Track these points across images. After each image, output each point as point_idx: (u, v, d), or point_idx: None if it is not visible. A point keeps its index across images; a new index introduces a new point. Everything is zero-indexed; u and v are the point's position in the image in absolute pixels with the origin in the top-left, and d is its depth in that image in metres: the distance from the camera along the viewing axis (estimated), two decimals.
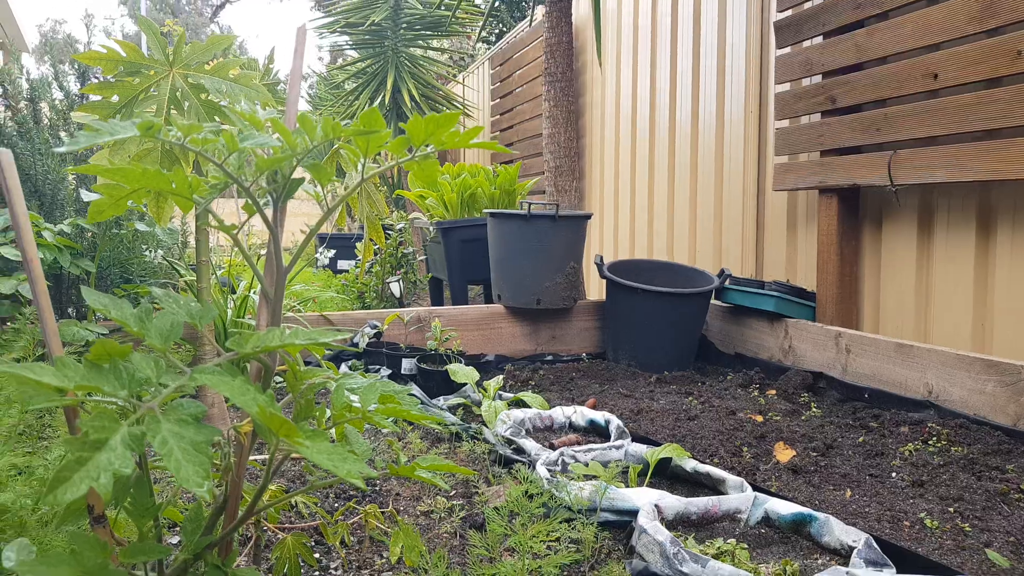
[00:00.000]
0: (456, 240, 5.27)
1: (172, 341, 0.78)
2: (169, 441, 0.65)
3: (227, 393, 0.67)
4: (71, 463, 0.61)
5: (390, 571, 1.77)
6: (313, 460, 0.68)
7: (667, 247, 5.11)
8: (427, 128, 0.87)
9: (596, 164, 6.05)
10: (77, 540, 0.74)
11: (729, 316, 4.07)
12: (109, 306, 0.79)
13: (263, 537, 1.53)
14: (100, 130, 0.82)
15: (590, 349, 4.36)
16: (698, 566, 1.58)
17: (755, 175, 4.26)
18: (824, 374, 3.37)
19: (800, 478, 2.33)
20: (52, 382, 0.68)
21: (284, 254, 0.96)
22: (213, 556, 0.87)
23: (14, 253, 3.38)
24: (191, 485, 0.63)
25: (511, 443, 2.55)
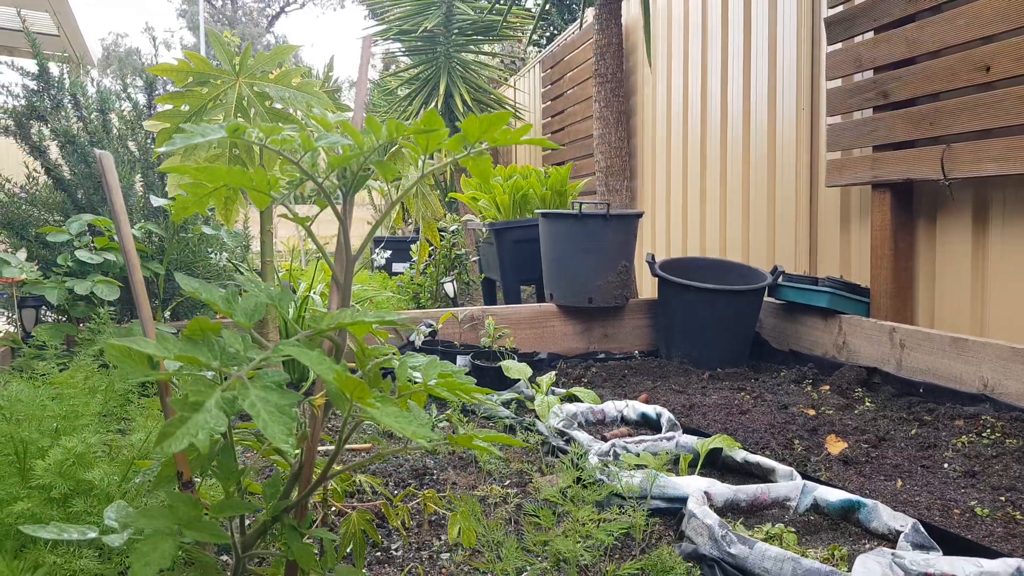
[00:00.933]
0: (508, 241, 5.35)
1: (256, 320, 0.87)
2: (257, 404, 0.74)
3: (307, 362, 0.76)
4: (175, 421, 0.70)
5: (448, 552, 1.85)
6: (383, 423, 0.76)
7: (719, 245, 5.12)
8: (481, 126, 0.95)
9: (647, 163, 6.08)
10: (172, 497, 0.83)
11: (783, 313, 4.06)
12: (200, 289, 0.88)
13: (329, 516, 1.62)
14: (192, 132, 0.91)
15: (642, 347, 4.40)
16: (746, 548, 1.62)
17: (807, 171, 4.25)
18: (878, 369, 3.36)
19: (851, 469, 2.35)
20: (154, 352, 0.78)
21: (353, 242, 1.04)
22: (290, 518, 0.96)
23: (89, 256, 3.57)
24: (278, 441, 0.71)
25: (563, 435, 2.62)
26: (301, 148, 0.92)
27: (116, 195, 0.98)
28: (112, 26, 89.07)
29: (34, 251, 3.97)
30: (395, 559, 1.79)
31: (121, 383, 1.87)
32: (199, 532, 0.80)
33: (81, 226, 3.65)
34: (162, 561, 0.75)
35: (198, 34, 34.00)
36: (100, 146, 4.29)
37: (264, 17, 42.75)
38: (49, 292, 3.34)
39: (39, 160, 4.37)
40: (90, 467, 1.36)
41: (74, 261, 3.50)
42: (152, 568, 0.74)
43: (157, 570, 0.74)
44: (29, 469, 1.32)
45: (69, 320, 3.70)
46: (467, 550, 1.84)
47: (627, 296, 4.33)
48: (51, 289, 3.35)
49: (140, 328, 0.89)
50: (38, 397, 1.43)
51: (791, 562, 1.55)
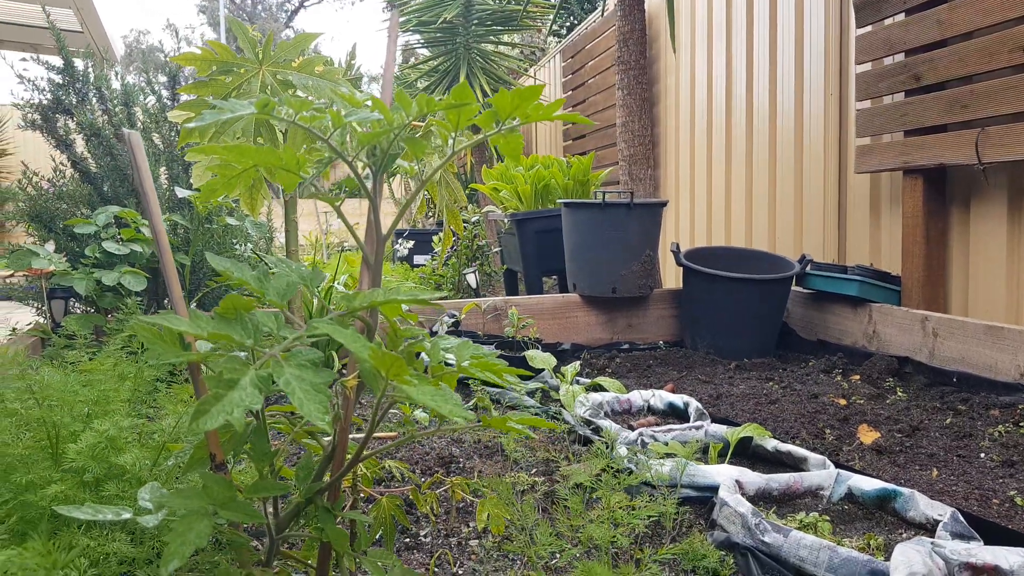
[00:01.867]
0: (530, 231, 5.33)
1: (287, 299, 0.86)
2: (292, 383, 0.73)
3: (342, 339, 0.74)
4: (209, 398, 0.68)
5: (476, 539, 1.83)
6: (419, 400, 0.75)
7: (745, 234, 5.06)
8: (513, 101, 0.93)
9: (671, 152, 6.02)
10: (206, 478, 0.82)
11: (811, 302, 4.01)
12: (231, 268, 0.87)
13: (358, 502, 1.61)
14: (222, 108, 0.90)
15: (667, 337, 4.36)
16: (780, 536, 1.59)
17: (836, 158, 4.18)
18: (910, 359, 3.30)
19: (884, 458, 2.31)
20: (188, 330, 0.76)
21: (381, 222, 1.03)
22: (323, 501, 0.95)
23: (116, 247, 3.59)
24: (314, 419, 0.70)
25: (590, 424, 2.59)
26: (331, 125, 0.91)
27: (145, 174, 0.98)
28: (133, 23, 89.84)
29: (62, 243, 4.01)
30: (423, 545, 1.78)
31: (150, 371, 1.88)
32: (234, 512, 0.79)
33: (108, 218, 3.67)
34: (198, 541, 0.74)
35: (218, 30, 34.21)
36: (124, 139, 4.31)
37: (283, 12, 42.94)
38: (77, 283, 3.37)
39: (65, 153, 4.41)
40: (121, 451, 1.36)
41: (101, 252, 3.52)
42: (188, 548, 0.73)
43: (193, 550, 0.73)
44: (61, 453, 1.33)
45: (97, 311, 3.73)
46: (496, 537, 1.83)
47: (651, 286, 4.29)
48: (79, 280, 3.38)
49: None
50: (69, 383, 1.44)
51: (827, 551, 1.52)
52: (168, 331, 0.95)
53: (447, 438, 2.66)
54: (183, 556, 0.73)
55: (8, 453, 1.28)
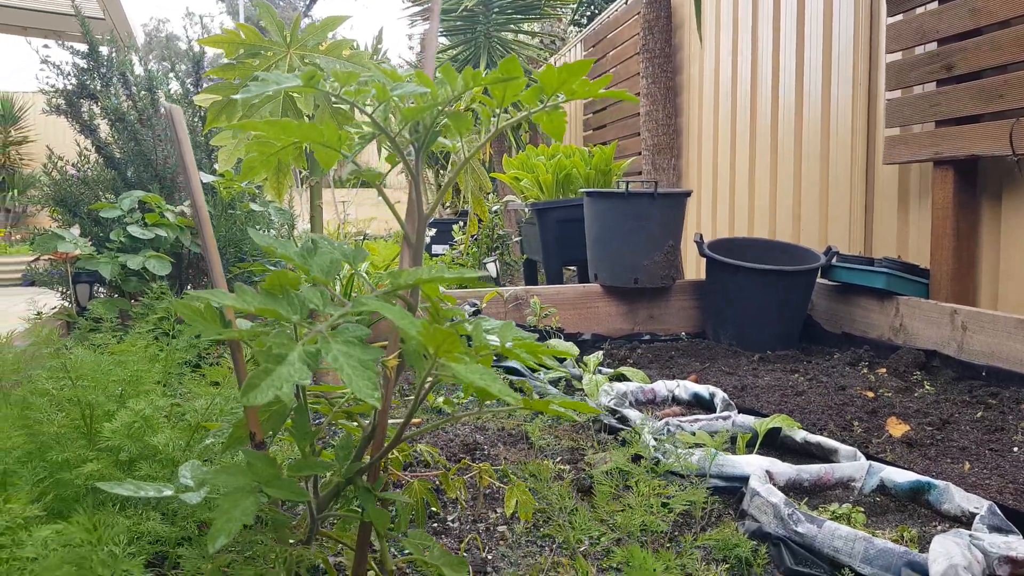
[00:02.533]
0: (551, 221, 5.30)
1: (332, 276, 0.85)
2: (340, 359, 0.72)
3: (390, 315, 0.73)
4: (259, 373, 0.67)
5: (504, 525, 1.83)
6: (467, 379, 0.73)
7: (769, 225, 5.01)
8: (560, 77, 0.91)
9: (693, 142, 5.97)
10: (250, 456, 0.82)
11: (836, 294, 3.97)
12: (274, 244, 0.86)
13: (389, 486, 1.60)
14: (267, 80, 0.89)
15: (689, 328, 4.33)
16: (814, 527, 1.57)
17: (864, 149, 4.13)
18: (938, 352, 3.26)
19: (915, 451, 2.28)
20: (234, 304, 0.75)
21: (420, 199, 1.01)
22: (363, 481, 0.94)
23: (140, 231, 3.60)
24: (363, 395, 0.69)
25: (615, 413, 2.58)
26: (376, 100, 0.89)
27: (186, 148, 0.97)
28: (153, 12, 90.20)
29: (86, 228, 4.03)
30: (452, 530, 1.78)
31: (179, 353, 1.88)
32: (279, 490, 0.79)
33: (132, 202, 3.68)
34: (244, 517, 0.73)
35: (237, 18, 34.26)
36: (148, 124, 4.32)
37: (302, 2, 42.98)
38: (103, 267, 3.38)
39: (90, 138, 4.42)
40: (155, 432, 1.36)
41: (126, 237, 3.53)
42: (234, 524, 0.72)
43: (239, 526, 0.72)
44: (96, 432, 1.32)
45: (121, 295, 3.75)
46: (525, 523, 1.82)
47: (674, 277, 4.26)
48: (104, 264, 3.39)
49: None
50: (102, 363, 1.44)
51: (863, 542, 1.50)
52: (209, 309, 0.94)
53: (470, 426, 2.65)
54: (229, 532, 0.72)
55: (43, 431, 1.28)
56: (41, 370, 1.63)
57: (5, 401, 1.33)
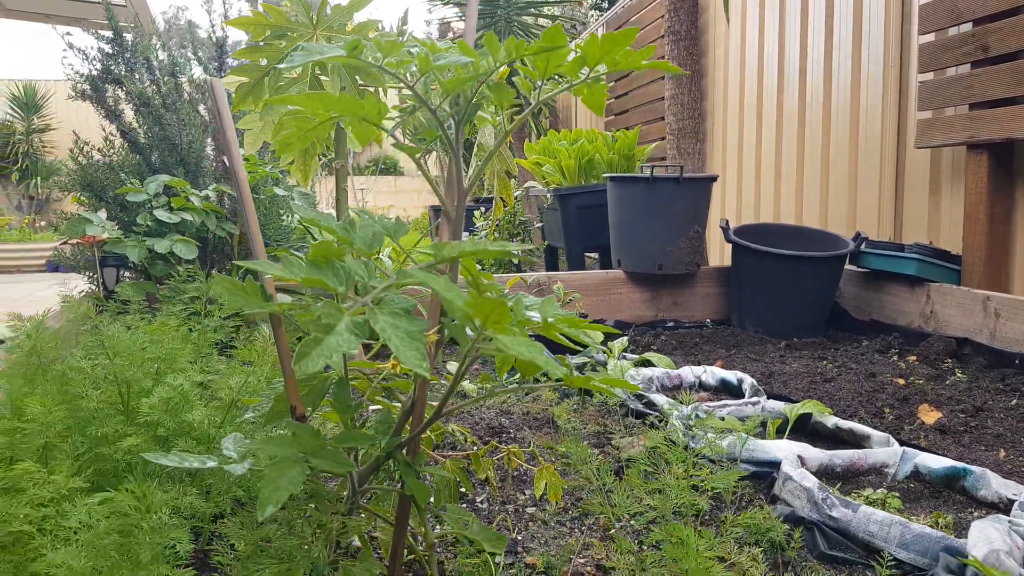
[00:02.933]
0: (573, 207, 5.28)
1: (375, 248, 0.84)
2: (387, 330, 0.71)
3: (436, 287, 0.72)
4: (309, 342, 0.67)
5: (534, 507, 1.82)
6: (513, 352, 0.72)
7: (795, 211, 4.96)
8: (603, 47, 0.89)
9: (718, 126, 5.92)
10: (294, 427, 0.81)
11: (864, 281, 3.92)
12: (318, 219, 0.85)
13: (431, 461, 1.60)
14: (311, 50, 0.88)
15: (713, 315, 4.30)
16: (848, 511, 1.55)
17: (894, 132, 4.07)
18: (969, 340, 3.21)
19: (948, 438, 2.25)
20: (281, 274, 0.75)
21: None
22: (403, 454, 0.93)
23: (167, 215, 3.62)
24: (412, 365, 0.68)
25: (642, 398, 2.56)
26: (418, 71, 0.88)
27: (227, 122, 0.96)
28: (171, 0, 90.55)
29: (112, 212, 4.05)
30: (481, 511, 1.78)
31: (211, 334, 1.88)
32: (324, 460, 0.78)
33: (158, 186, 3.71)
34: (291, 487, 0.73)
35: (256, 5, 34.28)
36: (172, 109, 4.34)
37: None
38: (130, 251, 3.41)
39: (115, 123, 4.45)
40: (190, 409, 1.37)
41: (153, 221, 3.56)
42: (282, 493, 0.72)
43: (287, 496, 0.72)
44: (134, 408, 1.33)
45: (148, 279, 3.77)
46: (554, 505, 1.81)
47: (698, 263, 4.23)
48: (132, 247, 3.42)
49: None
50: (137, 340, 1.44)
51: (899, 526, 1.48)
52: (250, 283, 0.94)
53: (495, 409, 2.65)
54: (278, 501, 0.72)
55: (82, 407, 1.29)
56: (78, 348, 1.64)
57: (45, 376, 1.34)
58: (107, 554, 0.82)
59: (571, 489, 1.95)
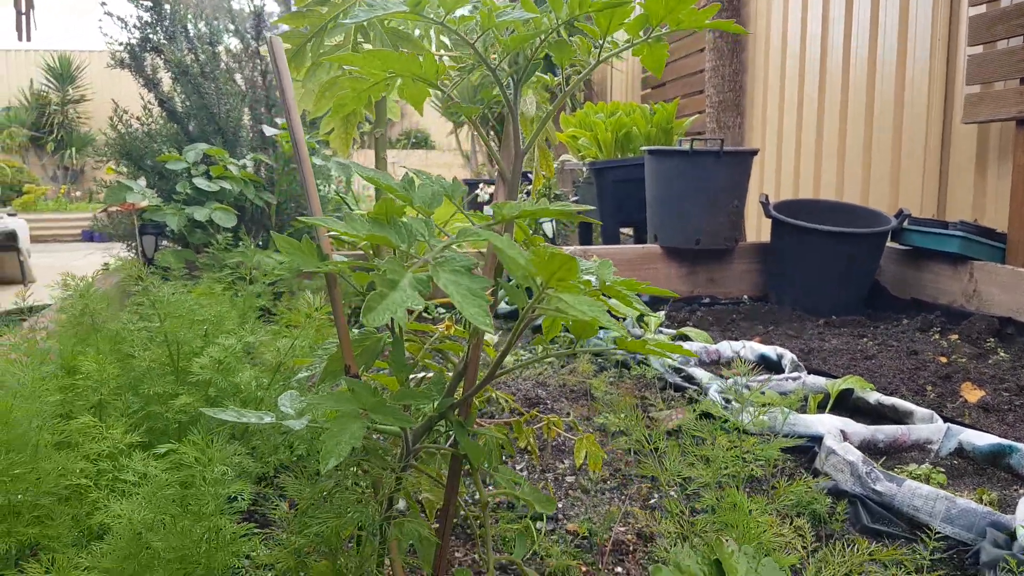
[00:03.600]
0: (609, 180, 5.23)
1: (434, 207, 0.84)
2: (449, 286, 0.71)
3: (498, 244, 0.72)
4: (376, 296, 0.67)
5: (572, 476, 1.83)
6: (576, 310, 0.72)
7: (835, 186, 4.88)
8: (667, 5, 0.88)
9: (759, 100, 5.82)
10: (353, 384, 0.82)
11: (905, 259, 3.86)
12: (377, 176, 0.85)
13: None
14: (374, 6, 0.88)
15: (751, 292, 4.26)
16: (893, 485, 1.54)
17: (940, 108, 3.97)
18: (1012, 319, 3.15)
19: (992, 416, 2.21)
20: (345, 231, 0.75)
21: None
22: (455, 415, 0.94)
23: (206, 184, 3.66)
24: (476, 321, 0.68)
25: (680, 371, 2.55)
26: (479, 28, 0.87)
27: (285, 79, 0.96)
28: None
29: (151, 181, 4.10)
30: None
31: (255, 300, 1.90)
32: (384, 416, 0.79)
33: (197, 155, 3.74)
34: (353, 440, 0.73)
35: None
36: (210, 78, 4.36)
37: None
38: (170, 218, 3.45)
39: (153, 92, 4.48)
40: (238, 371, 1.38)
41: (192, 189, 3.59)
42: (344, 448, 0.73)
43: (348, 449, 0.73)
44: (184, 369, 1.35)
45: (187, 247, 3.82)
46: (593, 474, 1.82)
47: (736, 238, 4.19)
48: (171, 215, 3.46)
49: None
50: (186, 302, 1.46)
51: (944, 501, 1.47)
52: (307, 242, 0.94)
53: (532, 381, 2.66)
54: (340, 454, 0.72)
55: (135, 365, 1.31)
56: (127, 310, 1.66)
57: (98, 334, 1.36)
58: (167, 506, 0.83)
59: (609, 460, 1.95)
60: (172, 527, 0.82)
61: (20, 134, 15.03)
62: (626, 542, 1.52)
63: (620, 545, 1.50)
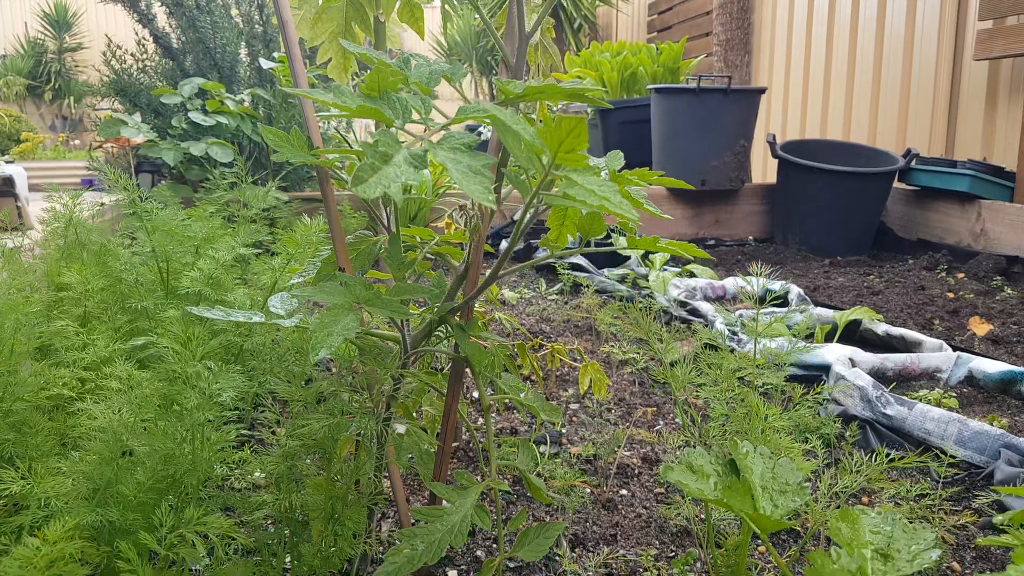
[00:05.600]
0: (615, 122, 5.13)
1: (432, 85, 0.79)
2: (448, 163, 0.66)
3: (503, 118, 0.67)
4: (366, 167, 0.62)
5: (577, 403, 1.80)
6: (585, 193, 0.67)
7: (843, 127, 4.78)
8: None
9: (766, 40, 5.68)
10: (345, 279, 0.77)
11: (912, 199, 3.79)
12: (369, 52, 0.79)
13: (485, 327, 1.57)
14: None
15: (756, 234, 4.20)
16: (904, 408, 1.51)
17: (951, 44, 3.86)
18: (1019, 258, 3.10)
19: (1001, 348, 2.18)
20: (332, 102, 0.70)
21: None
22: (456, 319, 0.90)
23: (202, 118, 3.58)
24: (477, 196, 0.63)
25: (685, 305, 2.51)
26: None
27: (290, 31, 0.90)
28: None
29: (147, 118, 4.01)
30: None
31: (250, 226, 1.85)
32: (380, 308, 0.74)
33: (193, 89, 3.65)
34: (346, 331, 0.69)
35: None
36: (206, 11, 4.24)
37: None
38: (166, 153, 3.38)
39: (147, 28, 4.37)
40: (230, 290, 1.34)
41: (188, 124, 3.51)
42: (335, 339, 0.68)
43: (340, 340, 0.68)
44: (174, 288, 1.30)
45: (184, 184, 3.76)
46: (598, 402, 1.79)
47: (743, 179, 4.11)
48: (167, 150, 3.39)
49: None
50: (176, 217, 1.41)
51: (957, 423, 1.43)
52: (296, 135, 0.89)
53: (535, 316, 2.62)
54: (331, 346, 0.68)
55: (123, 280, 1.26)
56: (120, 235, 1.61)
57: (84, 250, 1.32)
58: (149, 406, 0.79)
59: (614, 391, 1.92)
60: (153, 428, 0.78)
61: (17, 83, 14.80)
62: (631, 465, 1.49)
63: (625, 468, 1.48)
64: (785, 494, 0.73)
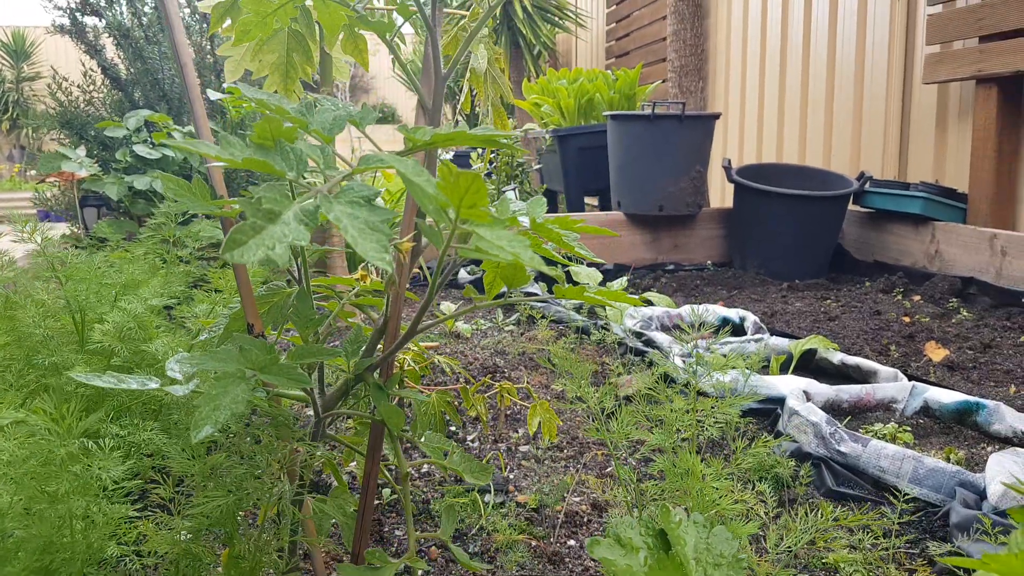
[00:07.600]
0: (573, 148, 5.12)
1: (335, 134, 0.73)
2: (343, 219, 0.60)
3: (403, 169, 0.61)
4: (245, 228, 0.56)
5: (527, 445, 1.74)
6: (492, 245, 0.62)
7: (798, 151, 4.82)
8: None
9: (721, 67, 5.74)
10: (244, 341, 0.71)
11: (867, 222, 3.81)
12: (264, 97, 0.74)
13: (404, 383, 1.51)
14: None
15: (715, 258, 4.19)
16: (858, 446, 1.47)
17: (901, 68, 3.91)
18: (975, 279, 3.12)
19: (957, 374, 2.16)
20: (216, 155, 0.64)
21: None
22: (374, 377, 0.84)
23: (147, 151, 3.49)
24: (371, 258, 0.57)
25: (641, 336, 2.47)
26: None
27: (176, 22, 0.84)
28: None
29: (93, 151, 3.91)
30: (471, 449, 1.69)
31: (183, 267, 1.77)
32: (277, 376, 0.68)
33: (138, 121, 3.56)
34: (234, 406, 0.63)
35: None
36: (154, 42, 4.17)
37: None
38: (109, 188, 3.28)
39: (95, 59, 4.28)
40: (151, 339, 1.26)
41: (132, 157, 3.42)
42: (222, 414, 0.62)
43: (227, 415, 0.62)
44: (88, 339, 1.23)
45: (130, 218, 3.65)
46: (548, 443, 1.73)
47: (700, 204, 4.11)
48: (111, 185, 3.29)
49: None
50: (95, 263, 1.33)
51: (912, 460, 1.40)
52: (198, 183, 0.83)
53: (490, 350, 2.56)
54: (216, 421, 0.62)
55: (34, 335, 1.18)
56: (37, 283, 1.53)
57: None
58: (26, 487, 0.72)
59: (566, 428, 1.87)
60: (29, 510, 0.71)
61: None
62: (580, 512, 1.43)
63: (574, 516, 1.42)
64: (720, 567, 0.67)
